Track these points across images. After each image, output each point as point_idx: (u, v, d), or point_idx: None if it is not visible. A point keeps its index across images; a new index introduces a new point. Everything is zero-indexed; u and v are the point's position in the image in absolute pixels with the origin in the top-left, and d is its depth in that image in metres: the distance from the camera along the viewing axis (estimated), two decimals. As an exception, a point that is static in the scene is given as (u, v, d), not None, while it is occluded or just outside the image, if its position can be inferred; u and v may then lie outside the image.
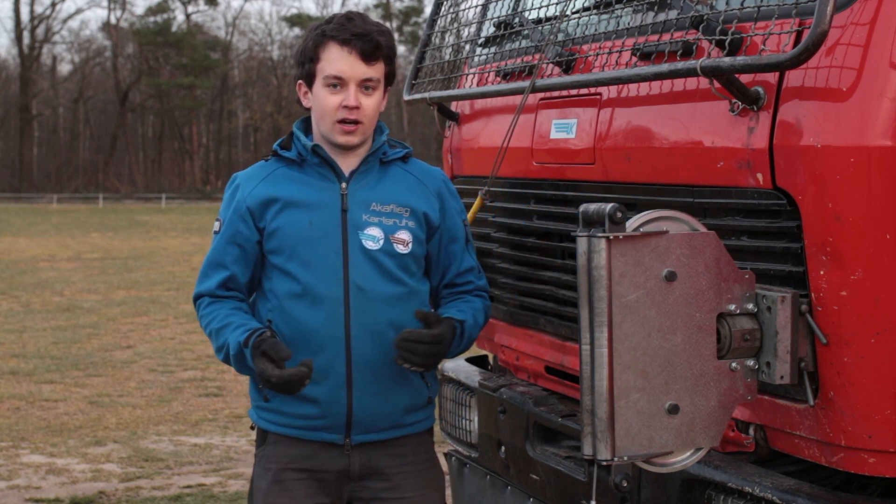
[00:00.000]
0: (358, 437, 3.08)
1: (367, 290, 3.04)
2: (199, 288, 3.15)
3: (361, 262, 3.04)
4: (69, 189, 77.71)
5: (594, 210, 2.51)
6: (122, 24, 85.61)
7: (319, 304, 3.03)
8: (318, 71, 3.05)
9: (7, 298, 16.80)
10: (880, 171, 2.46)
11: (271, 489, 3.11)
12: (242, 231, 3.09)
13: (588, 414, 2.50)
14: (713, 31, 2.70)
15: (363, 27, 3.04)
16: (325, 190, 3.08)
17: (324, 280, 3.03)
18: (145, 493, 6.65)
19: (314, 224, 3.05)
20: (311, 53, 3.06)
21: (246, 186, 3.12)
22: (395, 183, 3.14)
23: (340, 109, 3.03)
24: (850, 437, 2.58)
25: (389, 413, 3.10)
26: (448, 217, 3.20)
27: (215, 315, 3.07)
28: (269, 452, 3.15)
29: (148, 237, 33.48)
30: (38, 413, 8.88)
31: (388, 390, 3.08)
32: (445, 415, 4.32)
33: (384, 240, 3.06)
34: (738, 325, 2.58)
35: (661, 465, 2.60)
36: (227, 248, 3.10)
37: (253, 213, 3.08)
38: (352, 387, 3.04)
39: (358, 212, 3.07)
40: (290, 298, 3.05)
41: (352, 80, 3.03)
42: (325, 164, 3.10)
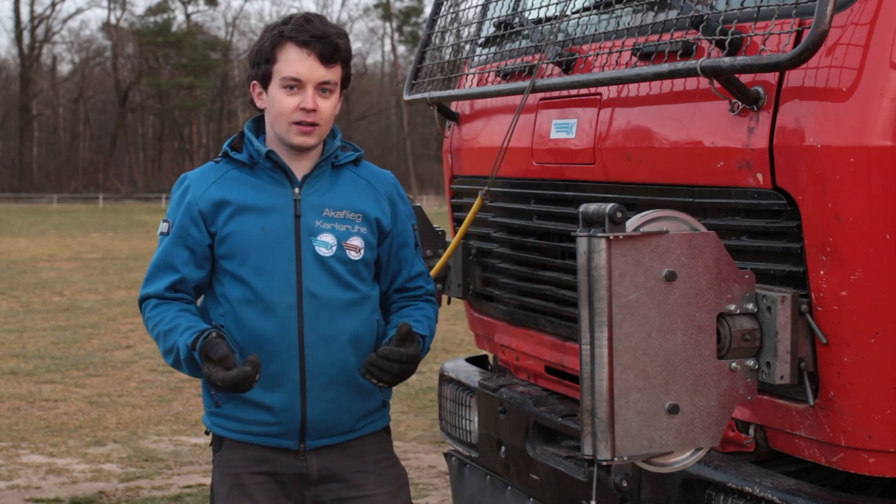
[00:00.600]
0: (312, 442, 3.07)
1: (321, 296, 3.01)
2: (145, 289, 3.09)
3: (314, 268, 3.02)
4: (69, 189, 77.71)
5: (594, 210, 2.51)
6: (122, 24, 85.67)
7: (272, 312, 3.00)
8: (275, 72, 3.00)
9: (7, 298, 16.80)
10: (880, 171, 2.46)
11: (231, 494, 3.09)
12: (193, 234, 3.04)
13: (588, 414, 2.50)
14: (713, 31, 2.70)
15: (322, 29, 3.00)
16: (278, 195, 3.04)
17: (277, 287, 3.00)
18: (145, 493, 6.65)
19: (267, 230, 3.01)
20: (267, 54, 3.01)
21: (197, 188, 3.06)
22: (348, 188, 3.10)
23: (297, 111, 2.99)
24: (850, 437, 2.58)
25: (343, 419, 3.08)
26: (399, 222, 3.18)
27: (162, 317, 3.01)
28: (226, 458, 3.12)
29: (148, 237, 33.47)
30: (38, 413, 8.88)
31: (341, 397, 3.06)
32: (445, 415, 4.32)
33: (337, 246, 3.04)
34: (738, 325, 2.58)
35: (661, 465, 2.60)
36: (176, 250, 3.05)
37: (204, 216, 3.03)
38: (306, 394, 3.02)
39: (311, 217, 3.03)
40: (243, 304, 3.01)
41: (310, 82, 2.99)
42: (278, 169, 3.06)
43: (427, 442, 7.82)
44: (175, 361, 2.98)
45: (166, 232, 3.08)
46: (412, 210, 3.28)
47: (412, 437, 7.99)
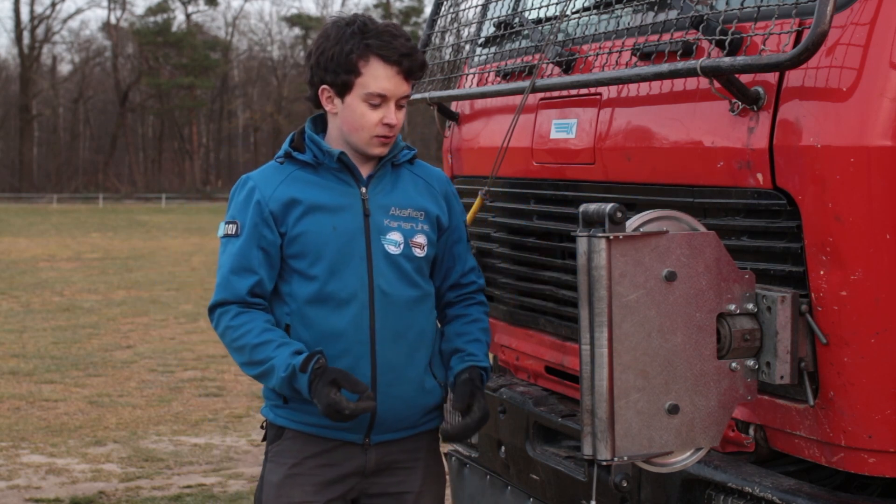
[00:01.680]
0: (377, 436, 3.10)
1: (391, 293, 3.05)
2: (223, 294, 3.04)
3: (384, 266, 3.05)
4: (69, 189, 77.70)
5: (594, 210, 2.51)
6: (122, 24, 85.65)
7: (344, 308, 3.02)
8: (359, 85, 3.00)
9: (7, 298, 16.80)
10: (880, 171, 2.46)
11: (284, 483, 3.10)
12: (266, 235, 3.03)
13: (588, 414, 2.50)
14: (713, 31, 2.70)
15: (408, 45, 3.02)
16: (346, 194, 3.07)
17: (350, 285, 3.02)
18: (145, 493, 6.65)
19: (338, 229, 3.03)
20: (352, 65, 2.99)
21: (265, 188, 3.05)
22: (408, 187, 3.15)
23: (381, 126, 3.02)
24: (850, 437, 2.58)
25: (409, 415, 3.13)
26: (454, 218, 3.23)
27: (250, 328, 2.99)
28: (285, 448, 3.12)
29: (148, 237, 33.48)
30: (38, 413, 8.88)
31: (408, 393, 3.11)
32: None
33: (404, 244, 3.08)
34: (738, 325, 2.58)
35: (661, 465, 2.60)
36: (252, 251, 3.03)
37: (275, 216, 3.03)
38: (376, 389, 3.04)
39: (379, 216, 3.07)
40: (312, 303, 3.03)
41: (394, 98, 3.02)
42: (345, 169, 3.08)
43: (427, 442, 7.81)
44: (263, 374, 2.98)
45: (235, 234, 3.05)
46: (462, 207, 3.32)
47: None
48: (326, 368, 2.91)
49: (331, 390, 2.87)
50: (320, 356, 2.93)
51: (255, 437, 8.00)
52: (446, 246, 3.22)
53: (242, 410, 8.96)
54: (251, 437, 8.02)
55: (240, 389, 9.82)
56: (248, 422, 8.56)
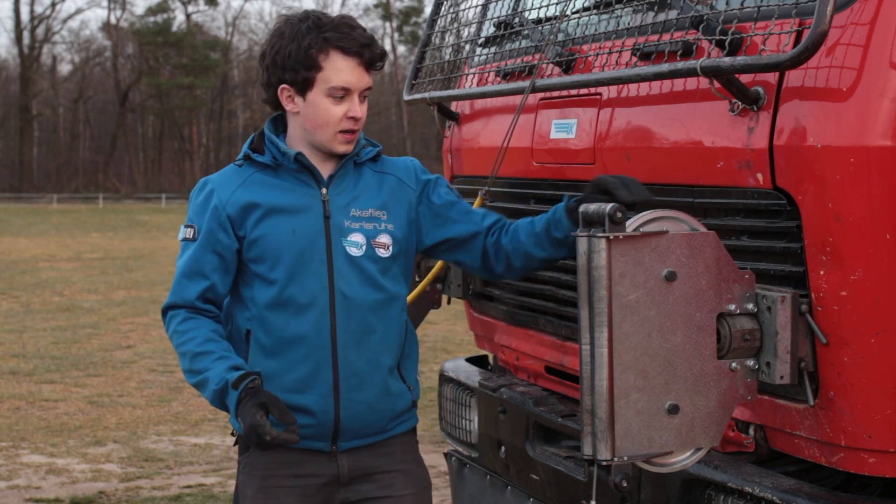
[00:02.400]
0: (345, 443, 3.05)
1: (352, 297, 2.98)
2: (174, 297, 3.01)
3: (346, 268, 2.99)
4: (69, 189, 77.68)
5: (594, 210, 2.51)
6: (122, 24, 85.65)
7: (305, 313, 2.97)
8: (321, 80, 2.94)
9: (7, 298, 16.80)
10: (880, 171, 2.46)
11: (258, 496, 3.06)
12: (222, 239, 2.99)
13: (588, 414, 2.50)
14: (713, 31, 2.70)
15: (365, 36, 2.96)
16: (306, 196, 3.01)
17: (310, 288, 2.96)
18: (145, 493, 6.65)
19: (297, 231, 2.97)
20: (311, 61, 2.93)
21: (222, 192, 3.01)
22: (371, 185, 3.07)
23: (346, 120, 2.96)
24: (850, 437, 2.58)
25: (375, 420, 3.06)
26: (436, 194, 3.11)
27: (194, 336, 2.95)
28: (254, 459, 3.09)
29: (148, 237, 33.48)
30: (38, 413, 8.88)
31: (373, 398, 3.04)
32: (445, 415, 4.32)
33: (367, 245, 3.01)
34: (738, 325, 2.58)
35: (661, 465, 2.60)
36: (206, 256, 2.99)
37: (233, 220, 2.99)
38: (339, 395, 2.99)
39: (340, 218, 3.00)
40: (273, 307, 2.98)
41: (357, 90, 2.96)
42: (305, 170, 3.02)
43: (427, 442, 7.82)
44: (199, 384, 2.93)
45: (191, 238, 3.01)
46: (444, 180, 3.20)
47: (412, 437, 7.99)
48: (260, 390, 2.82)
49: (258, 412, 2.77)
50: (256, 377, 2.85)
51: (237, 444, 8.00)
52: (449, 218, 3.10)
53: (242, 410, 8.96)
54: (251, 437, 8.02)
55: (240, 389, 9.82)
56: (248, 422, 8.55)
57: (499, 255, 3.10)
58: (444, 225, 3.11)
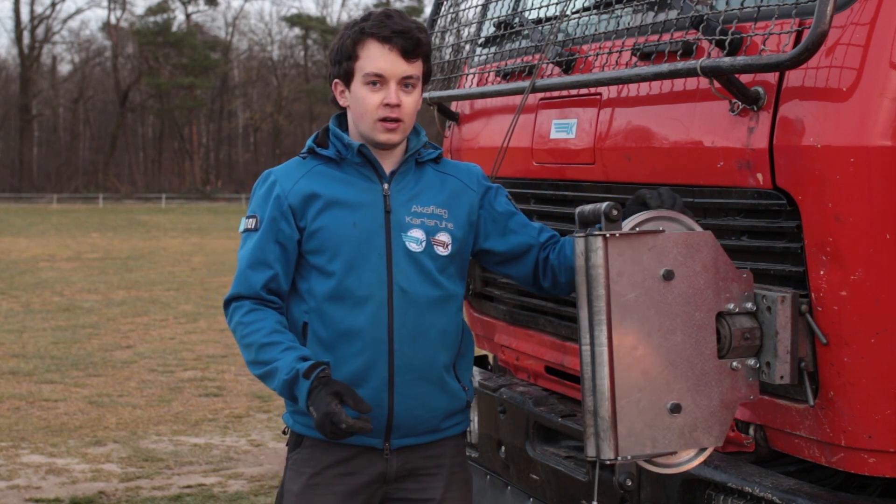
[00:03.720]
0: (397, 441, 3.03)
1: (410, 292, 2.98)
2: (238, 288, 3.01)
3: (405, 263, 2.99)
4: (69, 189, 77.68)
5: (590, 210, 2.51)
6: (122, 24, 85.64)
7: (362, 306, 2.97)
8: (358, 69, 2.98)
9: (7, 298, 16.80)
10: (880, 171, 2.46)
11: (304, 493, 3.05)
12: (284, 229, 3.00)
13: (590, 414, 2.50)
14: (713, 31, 2.70)
15: (403, 24, 2.98)
16: (368, 190, 3.02)
17: (367, 282, 2.97)
18: (145, 493, 6.65)
19: (358, 224, 2.98)
20: (349, 51, 2.98)
21: (285, 183, 3.03)
22: (432, 184, 3.09)
23: (381, 108, 2.97)
24: (850, 437, 2.58)
25: (429, 417, 3.05)
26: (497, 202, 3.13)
27: (260, 327, 2.95)
28: (305, 457, 3.07)
29: (148, 237, 33.48)
30: (38, 413, 8.88)
31: (427, 395, 3.03)
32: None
33: (426, 242, 3.01)
34: (738, 324, 2.58)
35: (665, 465, 2.60)
36: (269, 245, 3.00)
37: (294, 210, 3.00)
38: (393, 390, 2.99)
39: (401, 213, 3.01)
40: (331, 300, 2.98)
41: (392, 77, 2.96)
42: (367, 164, 3.03)
43: (427, 442, 7.82)
44: (266, 375, 2.92)
45: (253, 228, 3.03)
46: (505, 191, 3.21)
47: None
48: (332, 380, 2.83)
49: (333, 401, 2.78)
50: (326, 367, 2.86)
51: (255, 437, 8.00)
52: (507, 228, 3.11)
53: (242, 410, 8.96)
54: (251, 437, 8.02)
55: (240, 389, 9.82)
56: (248, 422, 8.56)
57: (546, 270, 3.12)
58: (503, 234, 3.12)
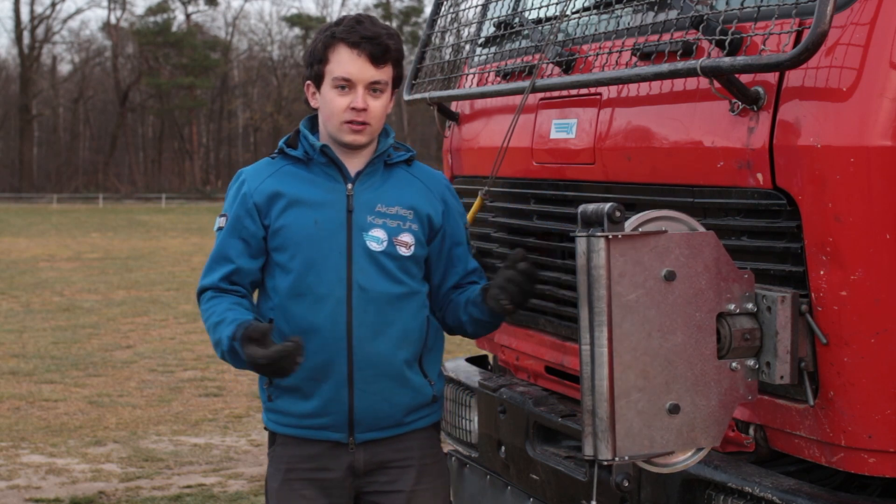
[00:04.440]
0: (361, 435, 3.11)
1: (369, 289, 3.06)
2: (202, 282, 3.15)
3: (364, 262, 3.06)
4: (69, 189, 77.67)
5: (593, 210, 2.51)
6: (122, 24, 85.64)
7: (321, 303, 3.04)
8: (327, 72, 3.07)
9: (7, 298, 16.80)
10: (880, 171, 2.46)
11: (282, 489, 3.16)
12: (248, 226, 3.10)
13: (589, 414, 2.50)
14: (713, 31, 2.70)
15: (373, 30, 3.07)
16: (332, 190, 3.10)
17: (327, 279, 3.05)
18: (145, 493, 6.65)
19: (319, 223, 3.07)
20: (320, 55, 3.08)
21: (252, 182, 3.13)
22: (400, 185, 3.16)
23: (348, 111, 3.06)
24: (850, 437, 2.58)
25: (391, 412, 3.12)
26: (451, 220, 3.23)
27: (214, 310, 3.07)
28: (278, 453, 3.19)
29: (148, 237, 33.48)
30: (38, 413, 8.88)
31: (388, 390, 3.10)
32: (445, 415, 4.32)
33: (387, 241, 3.09)
34: (738, 325, 2.58)
35: (662, 465, 2.60)
36: (231, 241, 3.11)
37: (259, 208, 3.09)
38: (353, 385, 3.06)
39: (363, 213, 3.09)
40: (292, 297, 3.07)
41: (360, 82, 3.06)
42: (332, 164, 3.12)
43: (427, 442, 7.82)
44: (222, 354, 3.02)
45: (223, 226, 3.15)
46: (463, 209, 3.33)
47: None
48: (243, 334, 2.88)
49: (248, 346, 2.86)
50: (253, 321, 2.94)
51: (255, 437, 8.00)
52: (443, 249, 3.21)
53: (242, 410, 8.96)
54: (251, 437, 8.02)
55: (240, 389, 9.82)
56: (248, 422, 8.56)
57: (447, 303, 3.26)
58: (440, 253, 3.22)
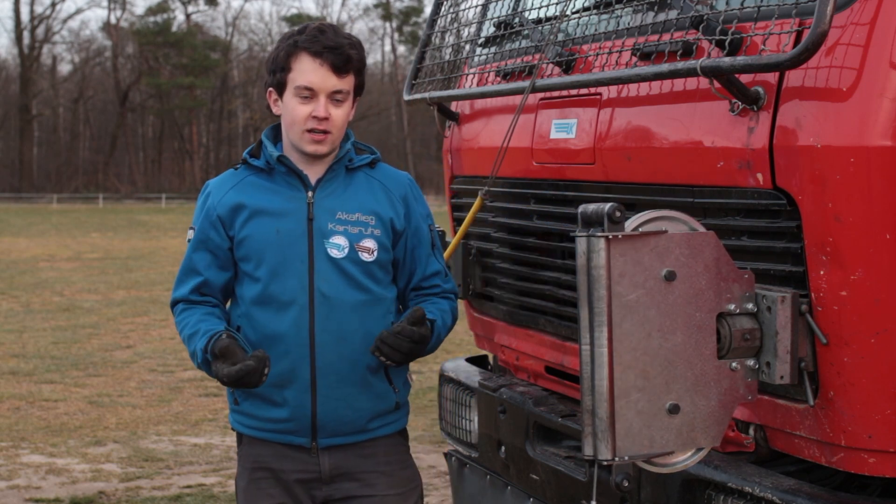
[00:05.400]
0: (325, 440, 3.15)
1: (332, 297, 3.09)
2: (174, 294, 3.21)
3: (326, 269, 3.09)
4: (69, 189, 77.66)
5: (593, 210, 2.51)
6: (122, 24, 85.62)
7: (285, 311, 3.08)
8: (290, 81, 3.08)
9: (7, 298, 16.79)
10: (880, 171, 2.46)
11: (249, 488, 3.22)
12: (213, 238, 3.15)
13: (588, 414, 2.50)
14: (713, 31, 2.70)
15: (335, 40, 3.07)
16: (292, 198, 3.13)
17: (290, 287, 3.08)
18: (145, 493, 6.65)
19: (281, 232, 3.10)
20: (282, 63, 3.09)
21: (216, 194, 3.18)
22: (361, 190, 3.18)
23: (310, 119, 3.07)
24: (850, 437, 2.58)
25: (354, 418, 3.15)
26: (413, 221, 3.23)
27: (187, 321, 3.13)
28: (244, 453, 3.26)
29: (148, 237, 33.48)
30: (38, 413, 8.88)
31: (351, 396, 3.13)
32: (445, 415, 4.32)
33: (349, 248, 3.11)
34: (738, 325, 2.58)
35: (662, 465, 2.60)
36: (198, 254, 3.17)
37: (223, 220, 3.14)
38: (316, 391, 3.10)
39: (324, 220, 3.11)
40: (257, 304, 3.11)
41: (322, 91, 3.06)
42: (292, 173, 3.14)
43: (427, 442, 7.82)
44: (198, 365, 3.09)
45: (191, 238, 3.20)
46: (428, 210, 3.33)
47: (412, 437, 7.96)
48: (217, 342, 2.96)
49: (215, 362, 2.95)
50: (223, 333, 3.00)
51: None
52: (406, 249, 3.22)
53: (242, 410, 8.96)
54: (251, 437, 8.02)
55: (240, 389, 9.82)
56: (248, 422, 8.55)
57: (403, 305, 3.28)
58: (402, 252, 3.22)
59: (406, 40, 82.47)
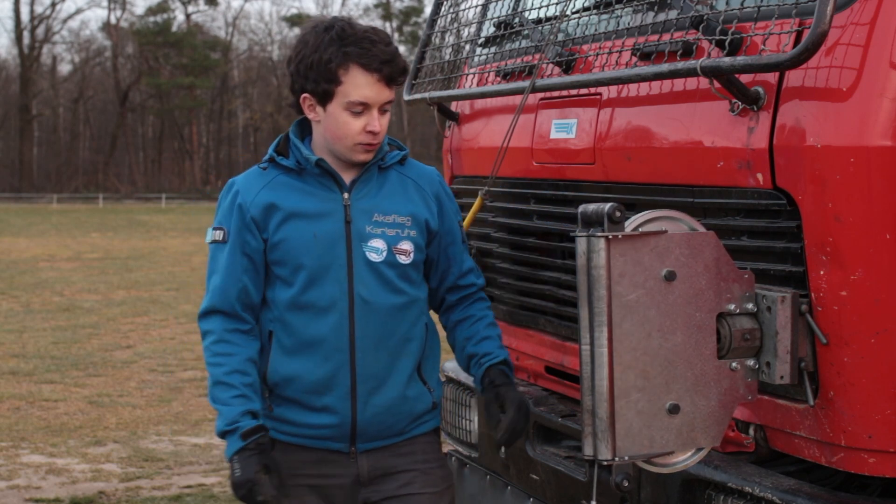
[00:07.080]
0: (363, 445, 3.08)
1: (371, 301, 3.01)
2: (213, 300, 3.04)
3: (365, 273, 3.01)
4: (69, 189, 77.66)
5: (593, 210, 2.51)
6: (122, 24, 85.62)
7: (323, 316, 3.00)
8: (340, 93, 2.95)
9: (7, 298, 16.79)
10: (880, 171, 2.46)
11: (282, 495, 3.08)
12: (250, 241, 3.02)
13: (588, 414, 2.50)
14: (713, 31, 2.70)
15: (387, 51, 2.98)
16: (328, 200, 3.03)
17: (328, 292, 2.99)
18: (145, 493, 6.65)
19: (318, 236, 3.00)
20: (331, 75, 2.94)
21: (246, 194, 3.04)
22: (396, 190, 3.09)
23: (364, 133, 2.98)
24: (850, 437, 2.58)
25: (394, 422, 3.09)
26: (446, 219, 3.17)
27: (223, 362, 2.99)
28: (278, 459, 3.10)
29: (148, 237, 33.47)
30: (38, 413, 8.88)
31: (391, 401, 3.06)
32: (445, 415, 4.32)
33: (387, 251, 3.03)
34: (738, 325, 2.58)
35: (662, 465, 2.60)
36: (238, 258, 3.03)
37: (257, 222, 3.02)
38: (356, 398, 3.03)
39: (361, 223, 3.02)
40: (293, 309, 3.01)
41: (375, 105, 2.98)
42: (326, 174, 3.04)
43: (427, 442, 7.81)
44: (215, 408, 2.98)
45: (221, 240, 3.05)
46: (457, 206, 3.27)
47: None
48: (266, 448, 2.90)
49: (260, 470, 2.86)
50: (265, 433, 2.93)
51: (255, 437, 8.00)
52: (440, 248, 3.16)
53: (242, 410, 8.95)
54: (251, 437, 8.01)
55: (240, 389, 9.81)
56: (248, 422, 8.55)
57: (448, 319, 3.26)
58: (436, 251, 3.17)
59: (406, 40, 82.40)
